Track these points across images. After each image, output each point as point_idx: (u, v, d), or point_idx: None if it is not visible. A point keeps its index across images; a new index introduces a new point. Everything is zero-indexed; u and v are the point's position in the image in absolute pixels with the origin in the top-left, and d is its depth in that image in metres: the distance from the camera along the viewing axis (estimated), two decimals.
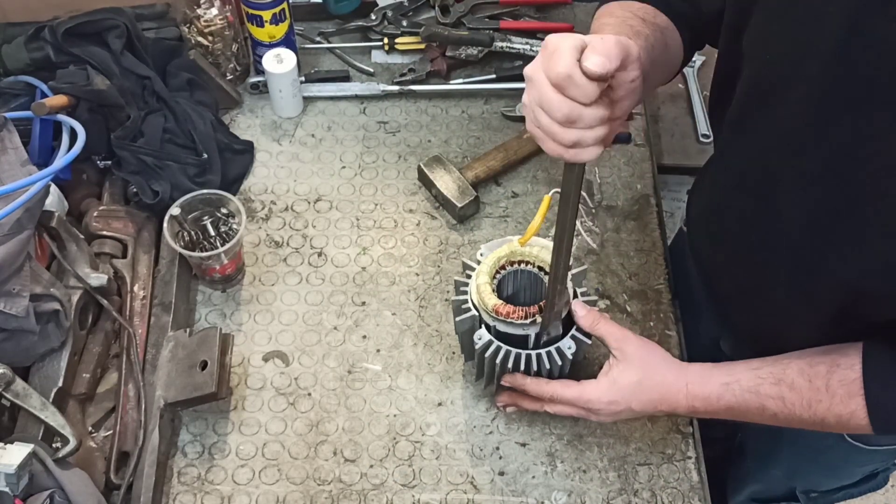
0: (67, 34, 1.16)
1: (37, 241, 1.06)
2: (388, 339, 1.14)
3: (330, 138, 1.35)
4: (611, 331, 0.95)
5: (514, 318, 0.92)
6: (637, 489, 1.03)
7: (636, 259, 1.22)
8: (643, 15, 0.95)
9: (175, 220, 1.12)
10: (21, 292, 0.96)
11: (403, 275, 1.20)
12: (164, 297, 1.13)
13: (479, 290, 0.94)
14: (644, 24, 0.93)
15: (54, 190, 1.13)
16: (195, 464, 1.04)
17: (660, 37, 0.93)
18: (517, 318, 0.92)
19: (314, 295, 1.18)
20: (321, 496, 1.02)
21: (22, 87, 1.17)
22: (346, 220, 1.26)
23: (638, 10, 0.95)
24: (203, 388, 1.01)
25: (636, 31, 0.91)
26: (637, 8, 0.96)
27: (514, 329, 0.93)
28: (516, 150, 1.29)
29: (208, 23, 1.31)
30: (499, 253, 0.97)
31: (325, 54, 1.46)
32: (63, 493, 0.89)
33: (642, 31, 0.91)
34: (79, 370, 1.06)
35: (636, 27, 0.92)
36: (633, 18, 0.94)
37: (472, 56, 1.42)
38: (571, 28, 1.46)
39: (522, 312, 0.93)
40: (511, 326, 0.93)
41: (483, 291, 0.94)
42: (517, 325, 0.93)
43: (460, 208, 1.22)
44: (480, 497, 1.02)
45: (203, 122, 1.24)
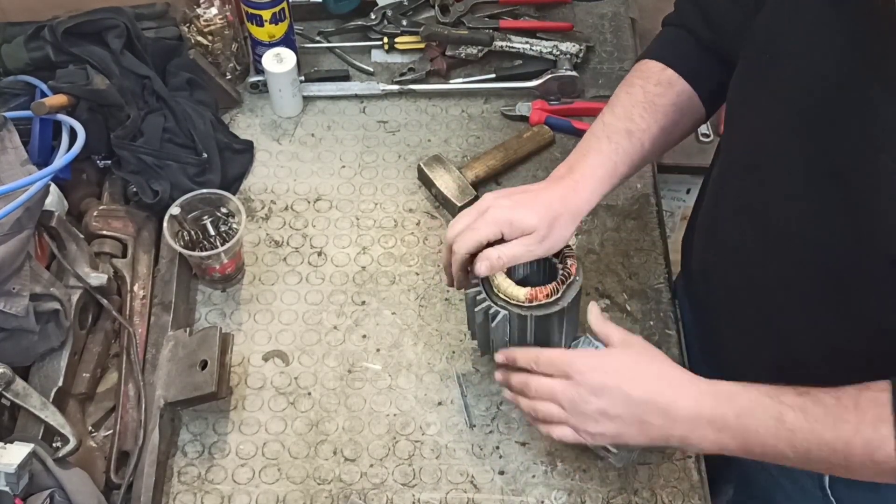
0: (67, 34, 1.16)
1: (36, 240, 1.06)
2: (388, 338, 1.14)
3: (330, 138, 1.35)
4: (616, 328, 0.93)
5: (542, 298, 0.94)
6: (637, 488, 1.03)
7: (636, 258, 1.22)
8: (654, 96, 1.00)
9: (175, 219, 1.12)
10: (21, 292, 0.96)
11: (403, 274, 1.20)
12: (164, 296, 1.13)
13: (502, 287, 0.95)
14: (646, 114, 0.99)
15: (54, 189, 1.13)
16: (195, 463, 1.04)
17: (661, 122, 1.00)
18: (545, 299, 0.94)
19: (314, 294, 1.18)
20: (321, 495, 1.02)
21: (22, 87, 1.17)
22: (345, 219, 1.26)
23: (651, 91, 1.01)
24: (203, 388, 1.01)
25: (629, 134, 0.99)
26: (652, 87, 1.01)
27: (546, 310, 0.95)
28: (516, 149, 1.30)
29: (208, 22, 1.31)
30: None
31: (325, 54, 1.46)
32: (63, 492, 0.89)
33: (635, 134, 0.99)
34: (79, 370, 1.06)
35: (631, 130, 0.99)
36: (636, 112, 1.00)
37: (471, 55, 1.42)
38: (571, 27, 1.46)
39: (547, 291, 0.94)
40: (544, 308, 0.95)
41: (507, 287, 0.95)
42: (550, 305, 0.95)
43: (460, 208, 1.22)
44: (480, 496, 1.02)
45: (203, 122, 1.24)
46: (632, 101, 1.01)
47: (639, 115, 0.99)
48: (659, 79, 1.02)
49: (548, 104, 1.36)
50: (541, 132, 1.32)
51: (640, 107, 1.00)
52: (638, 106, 1.00)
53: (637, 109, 1.00)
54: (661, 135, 1.00)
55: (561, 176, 0.98)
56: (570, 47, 1.39)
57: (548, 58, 1.40)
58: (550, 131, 1.33)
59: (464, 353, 1.13)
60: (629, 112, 1.00)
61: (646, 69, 1.03)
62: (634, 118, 0.99)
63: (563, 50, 1.39)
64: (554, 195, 0.95)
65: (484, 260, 0.93)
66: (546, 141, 1.32)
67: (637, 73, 1.04)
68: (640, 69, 1.04)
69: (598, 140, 0.99)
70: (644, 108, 1.00)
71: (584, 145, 1.00)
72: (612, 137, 0.99)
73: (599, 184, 0.97)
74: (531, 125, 1.35)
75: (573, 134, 1.34)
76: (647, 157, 1.02)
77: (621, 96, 1.02)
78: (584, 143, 1.01)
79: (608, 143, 0.99)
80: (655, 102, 1.00)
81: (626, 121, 0.99)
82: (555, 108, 1.36)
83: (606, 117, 1.01)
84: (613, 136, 0.99)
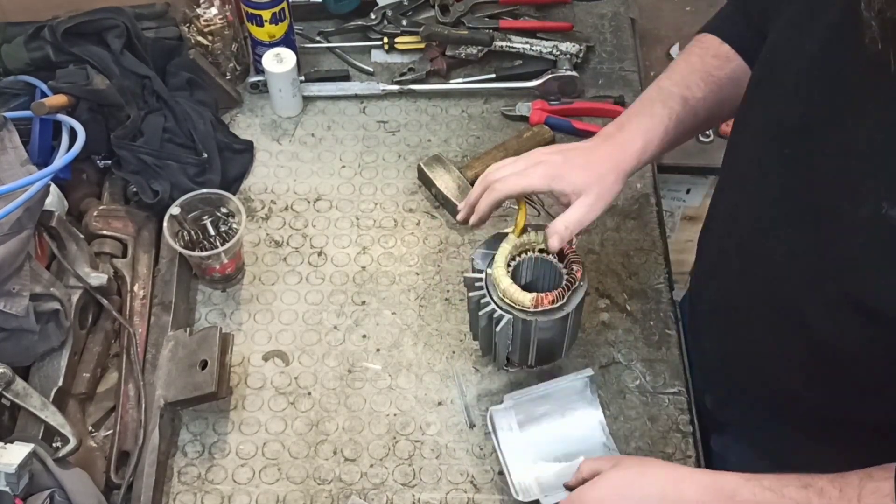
0: (67, 34, 1.16)
1: (37, 240, 1.06)
2: (388, 338, 1.14)
3: (330, 138, 1.35)
4: (599, 461, 0.92)
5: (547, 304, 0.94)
6: None
7: (636, 258, 1.22)
8: (713, 68, 1.00)
9: (175, 219, 1.12)
10: (21, 292, 0.96)
11: (403, 274, 1.20)
12: (164, 296, 1.13)
13: (508, 293, 0.95)
14: (703, 83, 0.99)
15: (54, 189, 1.13)
16: (195, 463, 1.04)
17: (717, 94, 1.00)
18: (549, 304, 0.95)
19: (314, 294, 1.18)
20: (321, 495, 1.02)
21: (22, 87, 1.17)
22: (345, 219, 1.26)
23: (710, 63, 1.01)
24: (203, 388, 1.01)
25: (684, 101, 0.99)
26: (710, 59, 1.01)
27: (551, 315, 0.95)
28: (516, 149, 1.29)
29: (208, 22, 1.31)
30: (503, 252, 0.98)
31: (325, 54, 1.46)
32: (63, 492, 0.89)
33: (690, 102, 0.99)
34: (79, 370, 1.06)
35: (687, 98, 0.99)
36: (693, 79, 1.00)
37: (471, 55, 1.42)
38: (571, 27, 1.46)
39: (552, 297, 0.95)
40: (549, 314, 0.95)
41: (512, 292, 0.95)
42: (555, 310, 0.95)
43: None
44: (480, 496, 1.02)
45: (203, 122, 1.24)
46: (690, 68, 1.01)
47: (695, 84, 0.99)
48: (717, 51, 1.02)
49: (548, 104, 1.36)
50: (541, 132, 1.32)
51: (698, 75, 1.00)
52: (696, 74, 1.00)
53: (694, 77, 1.00)
54: (715, 106, 1.00)
55: (610, 134, 0.99)
56: (570, 47, 1.39)
57: (548, 58, 1.40)
58: (550, 131, 1.33)
59: (464, 353, 1.13)
60: (686, 79, 1.00)
61: (705, 42, 1.04)
62: (691, 86, 0.99)
63: (563, 50, 1.39)
64: (602, 153, 0.96)
65: (554, 235, 0.94)
66: (546, 141, 1.32)
67: (697, 44, 1.04)
68: (699, 41, 1.04)
69: (651, 103, 0.99)
70: (702, 77, 1.00)
71: (637, 107, 1.00)
72: (666, 102, 0.99)
73: (647, 145, 0.97)
74: (531, 125, 1.35)
75: (573, 134, 1.34)
76: (699, 128, 1.03)
77: (680, 64, 1.03)
78: (637, 104, 1.01)
79: (662, 107, 0.98)
80: (713, 74, 1.00)
81: (682, 87, 0.99)
82: (555, 108, 1.36)
83: (663, 82, 1.01)
84: (668, 101, 0.99)
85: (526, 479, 0.99)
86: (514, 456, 1.00)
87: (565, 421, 1.04)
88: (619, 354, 1.13)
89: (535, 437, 1.03)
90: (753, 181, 0.89)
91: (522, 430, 1.03)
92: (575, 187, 0.93)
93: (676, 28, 1.77)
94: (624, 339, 1.14)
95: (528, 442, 1.02)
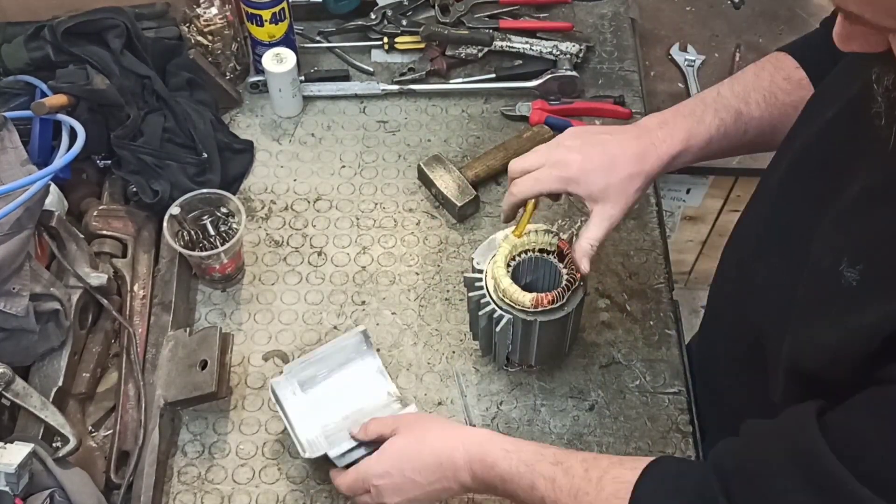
0: (67, 34, 1.16)
1: (37, 240, 1.06)
2: (388, 338, 1.14)
3: (330, 137, 1.35)
4: (382, 422, 0.94)
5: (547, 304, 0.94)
6: None
7: (636, 258, 1.22)
8: (779, 91, 0.95)
9: (175, 219, 1.12)
10: (21, 292, 0.96)
11: (403, 274, 1.20)
12: (164, 296, 1.13)
13: (508, 293, 0.95)
14: (764, 102, 0.95)
15: (54, 189, 1.13)
16: (195, 463, 1.04)
17: (776, 118, 0.95)
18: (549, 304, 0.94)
19: (314, 294, 1.18)
20: (321, 495, 1.02)
21: (22, 87, 1.17)
22: (345, 219, 1.26)
23: (778, 84, 0.96)
24: (203, 388, 1.01)
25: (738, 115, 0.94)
26: (781, 80, 0.96)
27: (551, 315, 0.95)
28: (516, 149, 1.29)
29: (208, 22, 1.31)
30: (503, 252, 0.98)
31: (325, 53, 1.46)
32: (63, 492, 0.89)
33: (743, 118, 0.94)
34: (79, 370, 1.06)
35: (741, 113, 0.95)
36: (754, 96, 0.95)
37: (471, 55, 1.42)
38: (571, 27, 1.45)
39: (552, 296, 0.95)
40: (549, 314, 0.95)
41: (512, 292, 0.95)
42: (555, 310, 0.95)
43: (460, 207, 1.22)
44: (481, 496, 1.02)
45: (203, 122, 1.24)
46: (756, 84, 0.96)
47: (755, 102, 0.95)
48: (790, 75, 0.96)
49: (548, 104, 1.36)
50: (541, 132, 1.32)
51: (761, 94, 0.95)
52: (759, 91, 0.95)
53: (756, 95, 0.95)
54: (769, 130, 0.96)
55: (649, 129, 0.94)
56: (570, 47, 1.39)
57: (548, 58, 1.40)
58: (550, 131, 1.33)
59: (464, 353, 1.13)
60: (748, 94, 0.95)
61: (782, 62, 0.98)
62: (750, 102, 0.95)
63: (563, 50, 1.39)
64: (631, 153, 0.92)
65: (584, 258, 0.92)
66: (546, 141, 1.32)
67: (773, 59, 0.99)
68: (777, 57, 0.99)
69: (704, 108, 0.95)
70: (765, 96, 0.95)
71: (688, 106, 0.96)
72: (719, 112, 0.94)
73: (685, 152, 0.94)
74: (531, 125, 1.35)
75: None
76: (747, 147, 0.98)
77: (748, 76, 0.98)
78: (689, 103, 0.97)
79: (713, 116, 0.94)
80: (778, 97, 0.95)
81: (741, 101, 0.95)
82: (555, 108, 1.36)
83: (724, 89, 0.97)
84: (721, 112, 0.94)
85: (312, 435, 1.01)
86: (300, 417, 1.02)
87: (345, 374, 1.07)
88: (619, 354, 1.13)
89: (319, 395, 1.05)
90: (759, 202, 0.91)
91: (305, 392, 1.05)
92: (591, 193, 0.91)
93: (676, 28, 1.78)
94: (624, 339, 1.14)
95: (312, 402, 1.04)
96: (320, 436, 1.02)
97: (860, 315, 0.66)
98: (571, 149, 0.93)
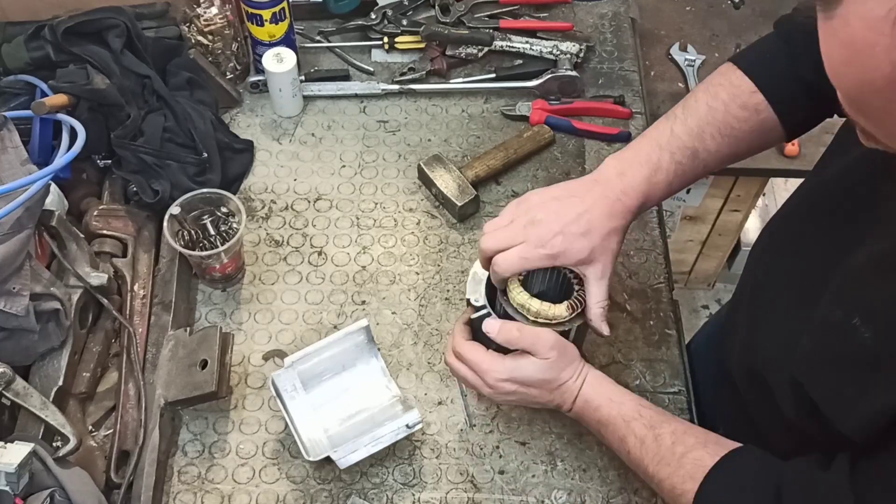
0: (67, 33, 1.16)
1: (37, 240, 1.06)
2: (388, 337, 1.14)
3: (330, 137, 1.35)
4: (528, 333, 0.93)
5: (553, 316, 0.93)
6: (637, 488, 1.03)
7: (636, 258, 1.22)
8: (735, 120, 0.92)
9: (175, 219, 1.12)
10: (21, 291, 0.96)
11: (403, 273, 1.20)
12: (165, 296, 1.13)
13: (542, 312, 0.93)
14: (720, 136, 0.93)
15: (54, 189, 1.13)
16: (195, 463, 1.05)
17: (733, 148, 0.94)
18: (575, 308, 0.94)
19: (314, 294, 1.18)
20: (321, 495, 1.02)
21: (22, 87, 1.17)
22: (346, 218, 1.26)
23: (733, 114, 0.93)
24: (203, 387, 1.01)
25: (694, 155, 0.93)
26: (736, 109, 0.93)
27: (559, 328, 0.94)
28: (516, 148, 1.30)
29: (208, 22, 1.31)
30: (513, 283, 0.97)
31: (325, 53, 1.46)
32: (63, 492, 0.89)
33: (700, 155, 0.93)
34: (79, 369, 1.06)
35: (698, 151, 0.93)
36: (709, 131, 0.93)
37: (471, 55, 1.42)
38: (571, 27, 1.46)
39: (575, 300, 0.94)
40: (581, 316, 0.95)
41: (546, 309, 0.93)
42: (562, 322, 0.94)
43: (460, 207, 1.22)
44: (480, 496, 1.02)
45: (203, 121, 1.24)
46: (710, 118, 0.93)
47: (710, 136, 0.93)
48: (745, 102, 0.92)
49: (548, 104, 1.36)
50: (541, 132, 1.32)
51: (716, 127, 0.93)
52: (714, 125, 0.93)
53: (711, 129, 0.93)
54: (728, 158, 0.95)
55: (608, 179, 0.94)
56: (570, 47, 1.39)
57: (548, 58, 1.40)
58: (550, 131, 1.33)
59: None
60: (702, 130, 0.93)
61: (736, 85, 0.93)
62: (706, 139, 0.93)
63: (563, 50, 1.39)
64: (599, 211, 0.91)
65: (601, 322, 0.94)
66: (546, 141, 1.32)
67: (726, 84, 0.94)
68: (730, 80, 0.94)
69: (660, 151, 0.93)
70: (720, 130, 0.93)
71: (644, 150, 0.94)
72: (675, 154, 0.93)
73: (647, 202, 0.94)
74: (531, 125, 1.35)
75: (573, 134, 1.35)
76: (705, 174, 0.98)
77: (700, 109, 0.94)
78: (645, 147, 0.95)
79: (669, 160, 0.93)
80: (734, 127, 0.92)
81: (696, 139, 0.93)
82: (555, 107, 1.36)
83: (677, 127, 0.94)
84: (677, 154, 0.93)
85: (314, 436, 1.02)
86: (302, 417, 1.03)
87: (347, 374, 1.07)
88: (619, 354, 1.13)
89: (321, 394, 1.05)
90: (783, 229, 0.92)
91: (307, 390, 1.05)
92: (579, 260, 0.91)
93: (676, 28, 1.78)
94: (624, 338, 1.14)
95: (313, 401, 1.05)
96: (323, 437, 1.02)
97: (880, 380, 0.69)
98: (548, 223, 0.91)
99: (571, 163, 1.32)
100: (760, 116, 0.93)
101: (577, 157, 1.33)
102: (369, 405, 1.05)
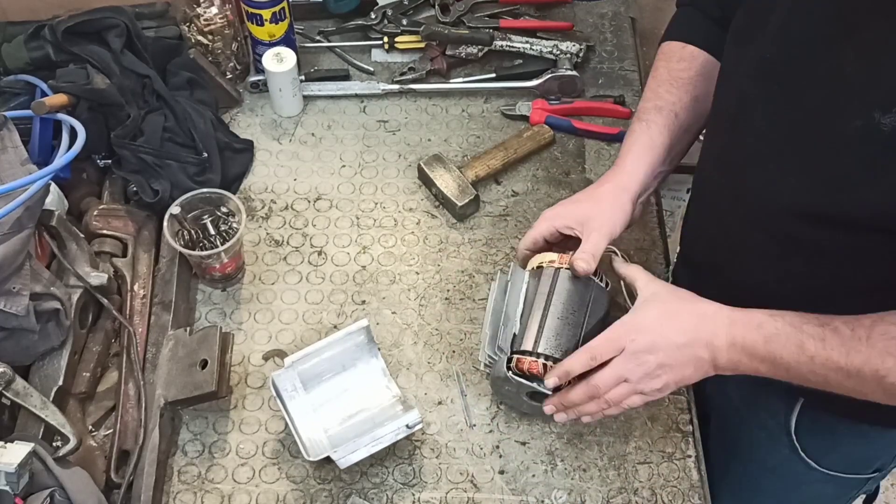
0: (67, 33, 1.16)
1: (37, 239, 1.06)
2: (388, 337, 1.14)
3: (330, 137, 1.35)
4: (636, 275, 0.97)
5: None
6: (637, 488, 1.03)
7: (636, 258, 1.22)
8: (678, 71, 1.06)
9: (175, 218, 1.12)
10: (21, 291, 0.96)
11: (403, 273, 1.20)
12: (165, 295, 1.13)
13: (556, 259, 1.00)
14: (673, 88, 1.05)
15: (54, 189, 1.13)
16: (195, 462, 1.05)
17: (690, 92, 1.05)
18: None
19: (314, 293, 1.18)
20: (321, 495, 1.02)
21: (22, 86, 1.17)
22: (346, 218, 1.26)
23: (675, 68, 1.06)
24: (203, 387, 1.01)
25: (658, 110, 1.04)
26: (675, 64, 1.06)
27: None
28: (516, 148, 1.30)
29: (208, 21, 1.31)
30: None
31: (325, 53, 1.46)
32: (63, 491, 0.89)
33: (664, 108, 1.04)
34: (79, 369, 1.06)
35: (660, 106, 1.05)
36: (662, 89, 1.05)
37: (472, 55, 1.42)
38: (571, 27, 1.46)
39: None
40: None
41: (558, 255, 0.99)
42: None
43: (460, 207, 1.22)
44: (480, 496, 1.02)
45: (203, 121, 1.24)
46: (657, 81, 1.06)
47: (665, 91, 1.05)
48: (681, 55, 1.07)
49: (548, 104, 1.36)
50: (541, 132, 1.32)
51: (666, 84, 1.05)
52: (664, 84, 1.05)
53: (663, 87, 1.05)
54: (692, 103, 1.04)
55: (610, 173, 1.05)
56: (570, 47, 1.39)
57: (548, 57, 1.40)
58: (550, 131, 1.33)
59: (464, 352, 1.13)
60: (656, 92, 1.06)
61: (667, 50, 1.09)
62: (661, 94, 1.05)
63: (563, 49, 1.39)
64: (606, 187, 1.02)
65: (581, 262, 0.97)
66: (546, 140, 1.32)
67: (660, 56, 1.09)
68: (662, 52, 1.09)
69: (632, 125, 1.06)
70: (669, 83, 1.05)
71: (628, 140, 1.05)
72: (642, 117, 1.04)
73: (639, 158, 1.03)
74: (531, 125, 1.35)
75: (573, 133, 1.35)
76: (686, 126, 1.05)
77: (649, 82, 1.08)
78: (627, 139, 1.06)
79: (639, 123, 1.04)
80: (681, 77, 1.05)
81: (654, 100, 1.05)
82: (555, 107, 1.36)
83: (639, 105, 1.07)
84: (643, 116, 1.04)
85: (315, 436, 1.02)
86: (303, 417, 1.03)
87: (347, 374, 1.07)
88: None
89: (321, 394, 1.06)
90: (740, 120, 0.91)
91: (307, 389, 1.05)
92: (578, 220, 0.99)
93: None
94: None
95: (313, 401, 1.05)
96: (323, 437, 1.02)
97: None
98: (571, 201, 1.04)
99: (571, 162, 1.32)
100: (698, 60, 1.05)
101: (577, 157, 1.33)
102: (369, 405, 1.05)
